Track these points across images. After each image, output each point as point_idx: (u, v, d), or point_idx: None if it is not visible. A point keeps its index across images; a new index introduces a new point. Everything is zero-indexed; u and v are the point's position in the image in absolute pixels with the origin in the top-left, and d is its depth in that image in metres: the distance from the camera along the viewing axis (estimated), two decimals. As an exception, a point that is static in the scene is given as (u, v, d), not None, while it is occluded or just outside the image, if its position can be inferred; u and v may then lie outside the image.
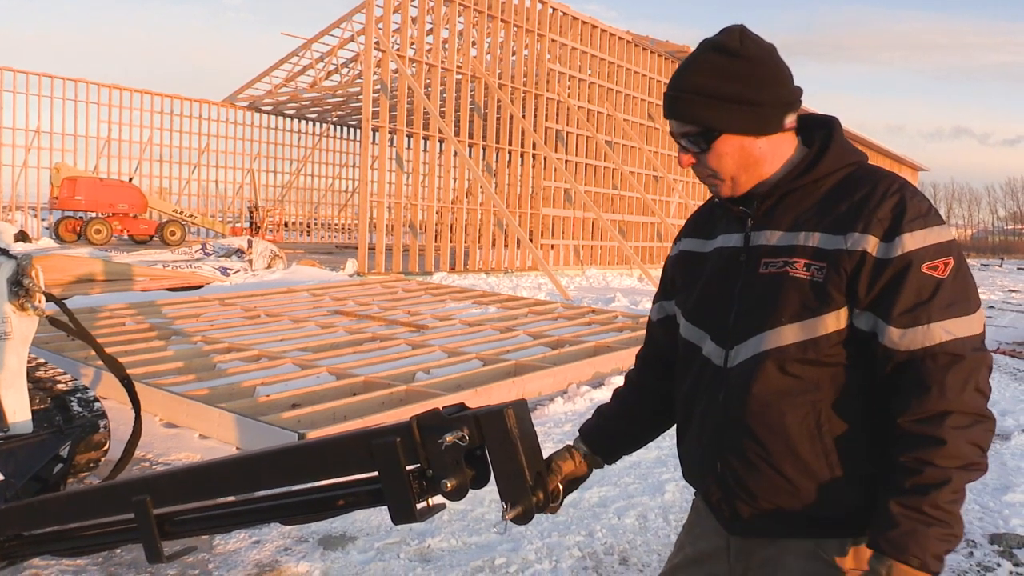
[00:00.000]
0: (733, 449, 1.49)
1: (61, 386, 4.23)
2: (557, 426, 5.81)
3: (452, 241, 20.21)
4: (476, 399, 5.75)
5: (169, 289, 9.79)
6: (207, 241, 21.89)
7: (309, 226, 37.77)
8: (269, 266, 16.65)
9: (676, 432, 1.70)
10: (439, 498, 1.57)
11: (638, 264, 20.58)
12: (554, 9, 22.23)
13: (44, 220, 27.76)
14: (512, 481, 1.50)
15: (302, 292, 11.20)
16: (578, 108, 22.96)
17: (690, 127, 1.49)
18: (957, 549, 3.96)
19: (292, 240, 33.60)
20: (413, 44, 20.15)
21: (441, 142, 21.29)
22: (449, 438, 1.49)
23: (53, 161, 27.76)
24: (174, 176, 32.92)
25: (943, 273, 1.37)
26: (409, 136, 18.82)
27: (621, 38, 25.15)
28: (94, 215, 25.54)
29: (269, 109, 34.62)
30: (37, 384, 4.08)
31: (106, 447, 4.26)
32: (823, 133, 1.53)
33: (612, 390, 1.90)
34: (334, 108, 33.92)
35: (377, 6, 17.66)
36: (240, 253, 17.54)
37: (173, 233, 26.75)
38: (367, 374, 6.43)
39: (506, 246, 21.14)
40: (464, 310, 10.70)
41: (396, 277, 14.37)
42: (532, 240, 20.69)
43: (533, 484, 1.51)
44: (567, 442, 1.83)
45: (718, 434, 1.52)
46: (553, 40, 22.26)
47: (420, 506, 1.55)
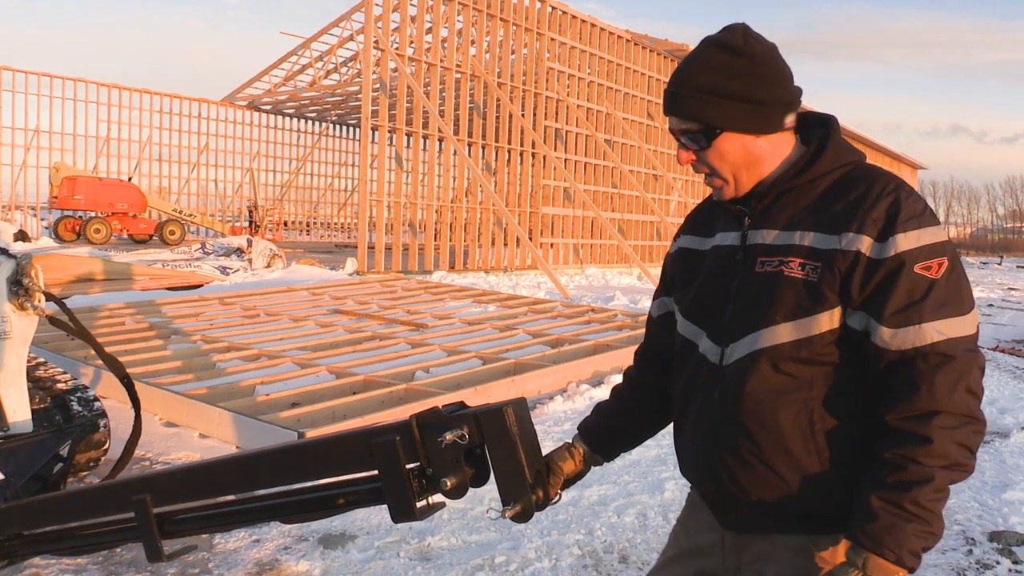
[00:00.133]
0: (727, 446, 1.50)
1: (61, 385, 4.23)
2: (557, 424, 5.82)
3: (451, 240, 20.21)
4: (476, 398, 5.75)
5: (169, 288, 9.78)
6: (206, 240, 21.90)
7: (308, 225, 37.79)
8: (268, 265, 16.65)
9: (673, 427, 1.71)
10: (439, 496, 1.57)
11: (637, 263, 20.58)
12: (553, 8, 22.23)
13: (43, 219, 27.76)
14: (512, 479, 1.51)
15: (301, 291, 11.19)
16: (577, 107, 22.95)
17: (691, 124, 1.49)
18: (956, 547, 3.97)
19: (291, 239, 33.58)
20: (412, 43, 20.14)
21: (440, 141, 21.28)
22: (449, 436, 1.49)
23: (52, 160, 27.76)
24: (173, 175, 32.94)
25: (936, 273, 1.37)
26: (408, 135, 18.82)
27: (620, 37, 25.14)
28: (93, 214, 25.52)
29: (268, 108, 34.62)
30: (37, 383, 4.08)
31: (106, 446, 4.27)
32: (821, 132, 1.53)
33: (611, 388, 1.90)
34: (333, 107, 33.92)
35: (376, 5, 17.65)
36: (239, 252, 17.54)
37: (172, 232, 26.73)
38: (367, 373, 6.44)
39: (505, 245, 21.14)
40: (463, 309, 10.70)
41: (395, 276, 14.37)
42: (531, 239, 20.69)
43: (533, 482, 1.52)
44: (567, 440, 1.83)
45: (713, 431, 1.53)
46: (552, 39, 22.26)
47: (420, 504, 1.55)
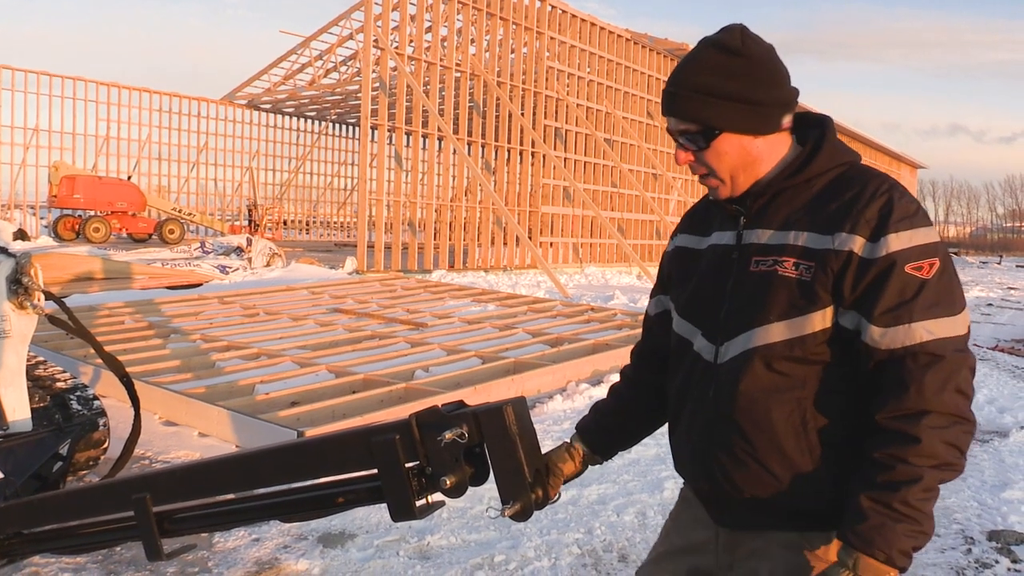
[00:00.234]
0: (721, 444, 1.51)
1: (60, 384, 4.23)
2: (556, 424, 5.82)
3: (451, 239, 20.21)
4: (475, 397, 5.75)
5: (168, 287, 9.77)
6: (206, 239, 21.89)
7: (308, 224, 37.78)
8: (268, 264, 16.65)
9: (668, 425, 1.72)
10: (438, 495, 1.58)
11: (637, 262, 20.58)
12: (553, 7, 22.22)
13: (43, 218, 27.72)
14: (511, 478, 1.51)
15: (301, 290, 11.19)
16: (577, 106, 22.95)
17: (690, 125, 1.49)
18: (955, 546, 3.97)
19: (291, 238, 33.53)
20: (412, 42, 20.13)
21: (440, 140, 21.29)
22: (448, 435, 1.50)
23: (51, 159, 27.70)
24: (173, 174, 32.90)
25: (927, 274, 1.37)
26: (408, 134, 18.81)
27: (620, 36, 25.13)
28: (93, 213, 25.49)
29: (268, 107, 34.60)
30: (36, 382, 4.09)
31: (105, 445, 4.27)
32: (816, 133, 1.53)
33: (609, 387, 1.91)
34: (333, 106, 33.91)
35: (376, 4, 17.64)
36: (239, 251, 17.55)
37: (172, 231, 26.71)
38: (366, 372, 6.44)
39: (505, 244, 21.14)
40: (463, 308, 10.70)
41: (395, 275, 14.36)
42: (531, 238, 20.68)
43: (532, 481, 1.52)
44: (565, 440, 1.83)
45: (707, 429, 1.54)
46: (552, 38, 22.25)
47: (419, 503, 1.55)
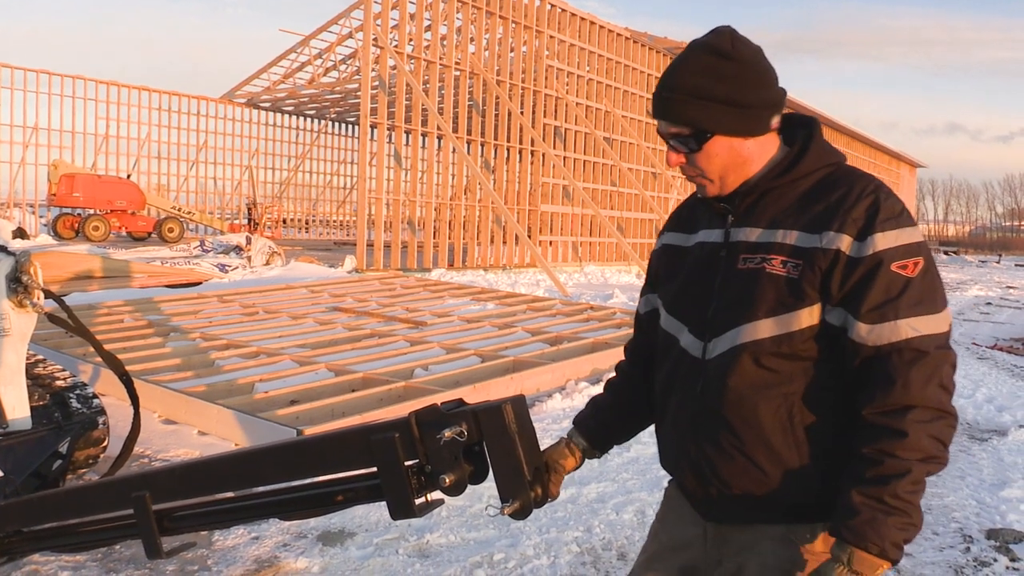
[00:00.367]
0: (708, 438, 1.53)
1: (60, 383, 4.23)
2: (555, 422, 5.82)
3: (450, 238, 20.21)
4: (474, 395, 5.76)
5: (167, 286, 9.76)
6: (205, 238, 21.91)
7: (307, 223, 37.77)
8: (267, 263, 16.65)
9: (655, 420, 1.73)
10: (438, 494, 1.58)
11: (636, 261, 20.59)
12: (552, 5, 22.21)
13: (42, 217, 27.70)
14: (510, 477, 1.51)
15: (300, 289, 11.19)
16: (576, 104, 22.95)
17: (682, 128, 1.51)
18: (954, 544, 3.98)
19: (290, 237, 33.54)
20: (411, 40, 20.13)
21: (439, 139, 21.29)
22: (448, 434, 1.50)
23: (51, 158, 27.69)
24: (172, 173, 32.88)
25: (912, 272, 1.41)
26: (407, 132, 18.81)
27: (619, 34, 25.13)
28: (92, 212, 25.47)
29: (267, 106, 34.58)
30: (36, 381, 4.08)
31: (105, 443, 4.27)
32: (804, 133, 1.56)
33: (605, 382, 1.92)
34: (332, 104, 33.89)
35: (375, 2, 17.64)
36: (238, 250, 17.56)
37: (171, 230, 26.69)
38: (365, 370, 6.44)
39: (504, 243, 21.14)
40: (462, 307, 10.70)
41: (394, 274, 14.36)
42: (530, 237, 20.69)
43: (531, 480, 1.52)
44: (564, 437, 1.83)
45: (694, 423, 1.55)
46: (551, 36, 22.25)
47: (419, 502, 1.56)
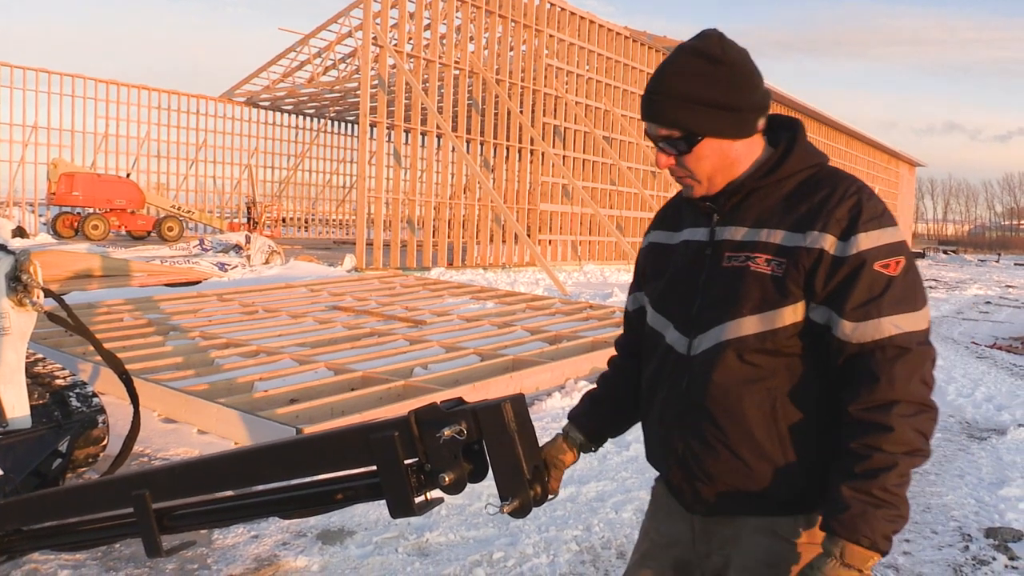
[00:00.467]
0: (694, 433, 1.55)
1: (60, 381, 4.23)
2: (555, 421, 5.82)
3: (450, 237, 20.21)
4: (474, 394, 5.76)
5: (167, 285, 9.76)
6: (205, 237, 21.91)
7: (307, 222, 37.77)
8: (267, 262, 16.65)
9: (641, 416, 1.74)
10: (437, 492, 1.58)
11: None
12: (552, 4, 22.21)
13: (41, 216, 27.71)
14: (510, 475, 1.52)
15: (300, 288, 11.19)
16: (576, 103, 22.95)
17: (672, 131, 1.53)
18: (953, 543, 3.99)
19: (290, 236, 33.55)
20: (411, 39, 20.12)
21: (439, 138, 21.30)
22: (447, 432, 1.50)
23: (50, 157, 27.69)
24: (171, 172, 32.89)
25: (894, 271, 1.44)
26: (407, 132, 18.80)
27: (619, 33, 25.13)
28: (91, 211, 25.48)
29: (267, 105, 34.57)
30: (36, 379, 4.08)
31: (105, 442, 4.27)
32: (788, 135, 1.58)
33: (599, 376, 1.94)
34: (332, 103, 33.88)
35: (375, 1, 17.63)
36: (238, 249, 17.56)
37: (171, 229, 26.69)
38: (365, 369, 6.45)
39: (504, 242, 21.14)
40: (462, 305, 10.70)
41: (394, 273, 14.37)
42: (530, 236, 20.69)
43: (531, 478, 1.53)
44: (559, 431, 1.84)
45: (680, 418, 1.58)
46: (551, 35, 22.25)
47: (418, 500, 1.56)
